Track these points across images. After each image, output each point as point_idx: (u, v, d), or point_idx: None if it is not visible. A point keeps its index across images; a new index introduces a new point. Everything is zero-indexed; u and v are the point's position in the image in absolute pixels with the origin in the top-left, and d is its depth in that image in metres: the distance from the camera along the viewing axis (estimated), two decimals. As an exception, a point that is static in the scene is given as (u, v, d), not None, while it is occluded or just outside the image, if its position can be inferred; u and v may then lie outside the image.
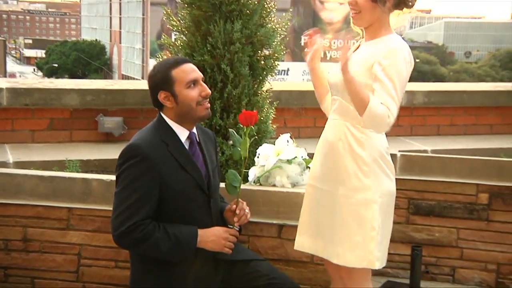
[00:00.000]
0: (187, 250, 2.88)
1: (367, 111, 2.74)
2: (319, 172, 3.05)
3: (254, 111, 3.29)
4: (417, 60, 62.18)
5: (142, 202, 2.83)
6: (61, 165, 4.73)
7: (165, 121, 2.98)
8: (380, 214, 2.89)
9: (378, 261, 2.91)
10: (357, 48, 3.04)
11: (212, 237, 2.94)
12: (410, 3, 2.95)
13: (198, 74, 2.99)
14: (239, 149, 3.05)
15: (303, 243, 3.11)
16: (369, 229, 2.88)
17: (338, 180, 2.94)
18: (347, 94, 2.86)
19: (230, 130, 3.20)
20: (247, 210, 3.10)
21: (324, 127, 3.09)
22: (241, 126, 3.03)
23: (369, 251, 2.88)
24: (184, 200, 2.94)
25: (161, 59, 4.18)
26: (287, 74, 45.65)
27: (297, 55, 51.99)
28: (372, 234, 2.88)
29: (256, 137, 4.14)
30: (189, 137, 3.02)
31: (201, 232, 2.92)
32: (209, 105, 3.01)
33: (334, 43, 53.42)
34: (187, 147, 3.00)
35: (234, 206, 3.07)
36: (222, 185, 3.20)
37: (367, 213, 2.88)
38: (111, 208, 3.52)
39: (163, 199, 2.88)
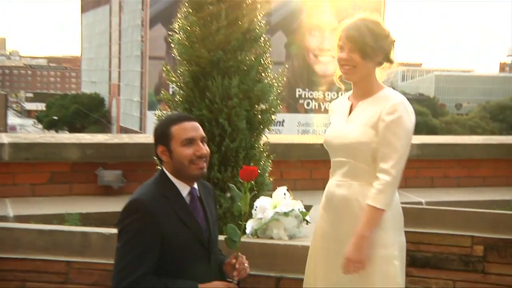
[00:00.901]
0: None
1: (386, 207, 2.82)
2: (331, 233, 3.00)
3: (254, 166, 3.28)
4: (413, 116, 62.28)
5: (143, 257, 2.81)
6: (60, 218, 4.71)
7: (167, 176, 2.98)
8: (401, 270, 2.92)
9: None
10: (351, 106, 3.03)
11: None
12: (392, 59, 3.00)
13: (197, 134, 2.97)
14: (239, 204, 3.04)
15: None
16: (394, 284, 2.88)
17: None
18: (359, 156, 2.88)
19: (231, 185, 3.19)
20: (246, 264, 3.07)
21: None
22: (240, 180, 3.02)
23: None
24: (184, 254, 2.91)
25: (160, 114, 4.23)
26: (282, 125, 45.89)
27: (292, 107, 52.48)
28: (398, 281, 2.89)
29: (256, 191, 4.14)
30: (190, 193, 3.01)
31: (201, 286, 2.89)
32: (204, 164, 2.97)
33: (328, 95, 54.08)
34: (188, 202, 2.99)
35: (234, 260, 3.04)
36: (221, 237, 3.19)
37: (390, 269, 2.89)
38: (110, 262, 3.49)
39: (164, 253, 2.86)
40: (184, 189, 2.98)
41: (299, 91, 54.16)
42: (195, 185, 3.05)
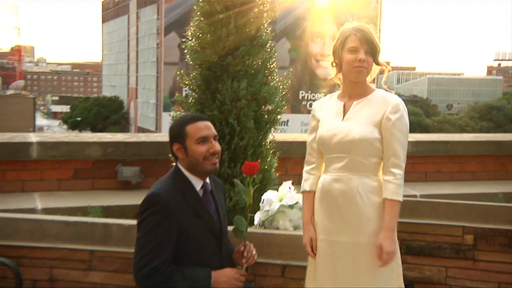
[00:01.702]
0: None
1: (401, 199, 2.87)
2: (331, 225, 2.96)
3: (256, 162, 3.27)
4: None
5: (161, 246, 2.82)
6: (84, 211, 4.73)
7: (182, 171, 2.98)
8: (399, 252, 2.94)
9: None
10: (345, 106, 3.00)
11: (224, 278, 2.92)
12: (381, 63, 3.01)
13: (210, 132, 2.98)
14: (244, 197, 3.04)
15: None
16: (396, 267, 2.92)
17: (358, 230, 2.90)
18: (360, 151, 2.88)
19: (236, 180, 3.19)
20: (254, 252, 3.08)
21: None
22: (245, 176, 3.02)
23: (398, 284, 2.93)
24: (198, 244, 2.92)
25: (175, 114, 4.23)
26: (287, 125, 45.88)
27: (296, 108, 52.45)
28: (399, 270, 2.94)
29: (259, 185, 4.14)
30: (203, 187, 3.02)
31: (214, 273, 2.90)
32: (217, 160, 2.98)
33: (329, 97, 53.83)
34: (201, 195, 3.00)
35: (242, 248, 3.04)
36: (230, 228, 3.19)
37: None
38: (130, 250, 3.49)
39: (180, 243, 2.87)
40: (197, 184, 2.99)
41: (302, 93, 54.18)
42: (207, 180, 3.05)
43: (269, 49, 4.42)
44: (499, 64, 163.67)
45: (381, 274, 2.88)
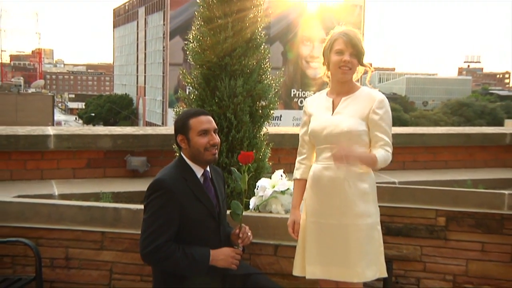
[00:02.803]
0: (201, 267, 2.86)
1: (379, 164, 2.83)
2: (321, 209, 2.96)
3: (251, 151, 3.26)
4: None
5: (165, 227, 2.81)
6: (96, 196, 4.71)
7: (185, 160, 2.97)
8: (381, 232, 2.95)
9: (385, 270, 2.97)
10: (334, 101, 2.99)
11: (222, 256, 2.92)
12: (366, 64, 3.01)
13: (211, 126, 2.97)
14: (240, 183, 3.05)
15: (315, 271, 2.98)
16: (378, 246, 2.92)
17: (344, 212, 2.89)
18: (348, 141, 2.87)
19: (232, 168, 3.19)
20: (249, 233, 3.07)
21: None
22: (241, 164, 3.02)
23: (381, 264, 2.93)
24: (199, 226, 2.92)
25: (178, 110, 4.21)
26: (280, 120, 45.79)
27: (288, 104, 52.41)
28: (381, 249, 2.94)
29: (254, 173, 4.13)
30: (204, 174, 3.01)
31: (213, 252, 2.90)
32: (216, 151, 2.98)
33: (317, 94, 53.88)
34: (201, 182, 2.99)
35: (238, 230, 3.04)
36: (228, 212, 3.18)
37: (375, 234, 2.91)
38: (138, 232, 3.47)
39: (182, 225, 2.86)
40: (198, 172, 2.98)
41: (293, 91, 54.10)
42: (208, 168, 3.04)
43: (263, 51, 4.40)
44: (468, 66, 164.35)
45: (366, 253, 2.87)
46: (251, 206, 3.59)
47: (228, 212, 3.17)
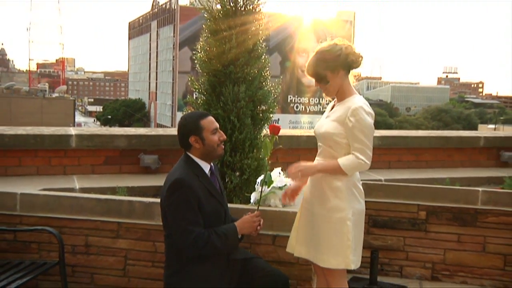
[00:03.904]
0: (234, 241, 2.94)
1: (345, 169, 2.82)
2: (309, 198, 3.03)
3: (279, 125, 3.27)
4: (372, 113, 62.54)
5: (195, 218, 2.81)
6: (113, 190, 4.70)
7: (192, 158, 2.97)
8: (353, 229, 2.87)
9: (353, 263, 2.89)
10: (333, 107, 3.02)
11: (246, 224, 2.99)
12: (357, 65, 2.94)
13: (217, 124, 3.02)
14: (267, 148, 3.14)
15: (301, 251, 3.08)
16: (346, 240, 2.86)
17: (321, 204, 2.93)
18: (328, 143, 2.90)
19: (266, 139, 3.25)
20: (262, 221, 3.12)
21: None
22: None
23: (346, 256, 2.86)
24: (212, 215, 2.92)
25: (184, 114, 4.21)
26: (277, 123, 45.57)
27: (285, 109, 52.41)
28: (348, 243, 2.86)
29: (255, 170, 4.13)
30: (210, 169, 3.02)
31: (237, 223, 2.96)
32: (223, 146, 3.04)
33: (311, 100, 53.97)
34: (209, 176, 3.00)
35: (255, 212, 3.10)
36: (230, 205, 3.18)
37: (343, 228, 2.86)
38: (150, 222, 3.51)
39: (201, 215, 2.86)
40: (206, 167, 2.99)
41: (290, 97, 54.13)
42: (212, 164, 3.05)
43: (263, 60, 4.38)
44: (447, 76, 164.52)
45: (332, 243, 2.88)
46: (251, 200, 3.58)
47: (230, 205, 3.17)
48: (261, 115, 4.36)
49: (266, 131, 4.50)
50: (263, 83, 4.38)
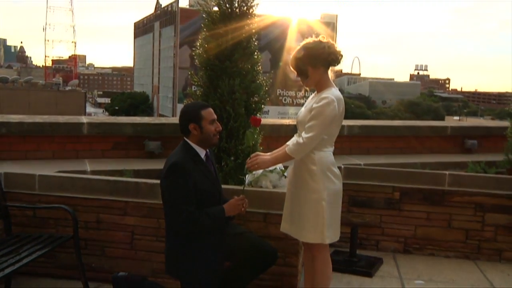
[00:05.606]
0: (222, 221, 2.92)
1: (293, 154, 2.84)
2: (292, 179, 3.03)
3: (259, 117, 3.26)
4: (352, 106, 62.72)
5: (189, 199, 2.79)
6: (120, 173, 4.69)
7: (190, 144, 2.95)
8: (327, 207, 2.86)
9: (328, 238, 2.89)
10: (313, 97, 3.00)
11: (232, 206, 2.96)
12: (337, 63, 2.92)
13: (215, 116, 3.00)
14: (249, 139, 3.08)
15: (285, 226, 3.09)
16: (321, 218, 2.86)
17: (300, 185, 2.93)
18: (302, 129, 2.88)
19: (248, 131, 3.16)
20: (246, 201, 3.06)
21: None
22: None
23: (321, 232, 2.87)
24: (207, 196, 2.91)
25: (187, 103, 4.17)
26: (268, 114, 45.66)
27: (274, 101, 52.30)
28: (323, 221, 2.86)
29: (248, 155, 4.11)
30: (206, 154, 3.00)
31: (225, 206, 2.94)
32: (218, 136, 3.02)
33: (298, 94, 53.97)
34: (205, 161, 2.97)
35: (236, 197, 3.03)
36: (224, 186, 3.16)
37: (319, 207, 2.85)
38: (154, 201, 3.49)
39: (196, 197, 2.84)
40: (201, 153, 2.97)
41: (279, 91, 53.97)
42: (207, 150, 3.03)
43: (256, 56, 4.36)
44: (418, 73, 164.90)
45: (308, 220, 2.89)
46: (246, 182, 3.58)
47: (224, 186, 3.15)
48: (254, 105, 4.35)
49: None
50: (256, 77, 4.37)
